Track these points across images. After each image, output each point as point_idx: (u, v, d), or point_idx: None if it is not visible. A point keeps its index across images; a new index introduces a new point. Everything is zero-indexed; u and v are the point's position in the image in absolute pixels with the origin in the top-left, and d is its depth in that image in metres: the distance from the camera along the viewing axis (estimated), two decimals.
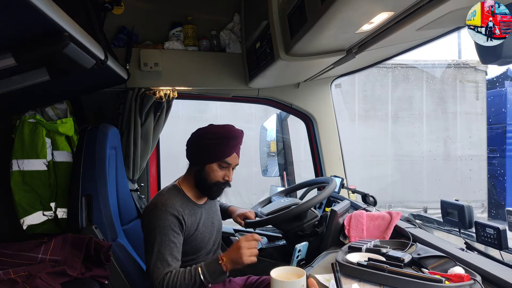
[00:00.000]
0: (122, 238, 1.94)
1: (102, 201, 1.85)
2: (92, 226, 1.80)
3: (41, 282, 1.45)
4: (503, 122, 5.85)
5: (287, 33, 1.65)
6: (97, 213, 1.84)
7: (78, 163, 1.89)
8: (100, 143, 1.89)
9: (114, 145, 2.05)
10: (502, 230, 1.25)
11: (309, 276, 1.19)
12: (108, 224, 1.84)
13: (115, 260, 1.75)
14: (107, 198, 1.86)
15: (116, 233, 1.87)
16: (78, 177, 1.89)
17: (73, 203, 1.86)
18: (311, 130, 2.59)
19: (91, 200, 1.85)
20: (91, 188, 1.86)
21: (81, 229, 1.81)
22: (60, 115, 2.08)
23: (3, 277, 1.45)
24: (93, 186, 1.86)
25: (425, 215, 2.39)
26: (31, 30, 1.17)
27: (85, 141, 1.92)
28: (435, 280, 1.02)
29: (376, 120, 6.06)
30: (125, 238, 1.98)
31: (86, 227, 1.81)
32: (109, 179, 1.90)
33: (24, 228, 1.93)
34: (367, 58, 1.92)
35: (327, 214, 1.63)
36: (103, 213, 1.84)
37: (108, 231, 1.84)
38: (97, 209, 1.84)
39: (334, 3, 1.15)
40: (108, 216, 1.85)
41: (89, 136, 1.93)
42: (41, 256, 1.63)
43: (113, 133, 2.03)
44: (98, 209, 1.84)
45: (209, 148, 1.59)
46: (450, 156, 5.93)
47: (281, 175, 2.99)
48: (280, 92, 2.53)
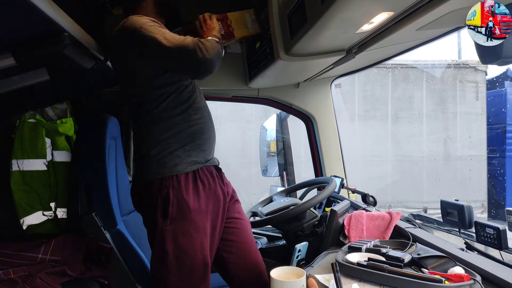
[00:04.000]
0: (122, 227, 1.94)
1: (102, 190, 1.86)
2: (92, 213, 1.80)
3: (41, 282, 1.45)
4: (503, 122, 5.85)
5: (287, 33, 1.65)
6: (96, 201, 1.85)
7: (78, 152, 1.89)
8: (100, 133, 1.90)
9: (114, 135, 2.04)
10: (502, 230, 1.25)
11: (309, 276, 1.19)
12: (108, 212, 1.85)
13: (114, 247, 1.76)
14: (107, 187, 1.86)
15: (115, 221, 1.87)
16: (78, 166, 1.89)
17: (72, 192, 1.87)
18: (311, 130, 2.59)
19: (90, 188, 1.86)
20: (91, 176, 1.86)
21: (80, 216, 1.81)
22: (60, 115, 2.08)
23: (3, 277, 1.46)
24: (92, 174, 1.86)
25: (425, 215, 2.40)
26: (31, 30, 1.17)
27: (84, 129, 1.92)
28: (435, 280, 1.02)
29: (376, 120, 6.06)
30: (124, 227, 1.98)
31: (86, 214, 1.81)
32: (108, 169, 1.90)
33: (24, 228, 1.93)
34: (367, 58, 1.92)
35: (327, 214, 1.63)
36: (103, 201, 1.84)
37: (108, 219, 1.84)
38: (96, 197, 1.85)
39: (334, 3, 1.15)
40: (108, 204, 1.85)
41: (89, 125, 1.93)
42: (41, 256, 1.64)
43: (113, 123, 2.03)
44: (97, 197, 1.85)
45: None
46: (450, 156, 5.93)
47: (281, 175, 2.99)
48: (280, 92, 2.53)
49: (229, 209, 1.54)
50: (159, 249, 1.39)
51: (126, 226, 2.00)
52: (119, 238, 1.80)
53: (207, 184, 1.44)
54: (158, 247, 1.39)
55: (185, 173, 1.40)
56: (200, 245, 1.38)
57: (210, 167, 1.49)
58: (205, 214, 1.41)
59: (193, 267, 1.37)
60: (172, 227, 1.37)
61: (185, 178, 1.40)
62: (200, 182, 1.42)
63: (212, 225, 1.43)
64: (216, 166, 1.54)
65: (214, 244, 1.45)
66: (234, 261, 1.51)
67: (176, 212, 1.37)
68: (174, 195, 1.37)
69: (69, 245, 1.70)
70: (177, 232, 1.37)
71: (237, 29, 1.64)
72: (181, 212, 1.37)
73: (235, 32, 1.63)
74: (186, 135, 1.44)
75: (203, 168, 1.45)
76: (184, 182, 1.39)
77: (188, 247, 1.37)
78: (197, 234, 1.38)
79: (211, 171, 1.48)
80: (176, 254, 1.36)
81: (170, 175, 1.39)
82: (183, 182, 1.39)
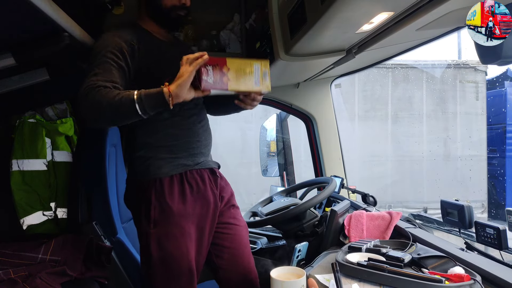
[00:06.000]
0: (122, 235, 1.94)
1: (102, 198, 1.86)
2: (92, 222, 1.80)
3: (41, 282, 1.45)
4: (503, 122, 5.85)
5: (287, 33, 1.65)
6: (96, 209, 1.85)
7: (78, 160, 1.89)
8: (100, 140, 1.89)
9: (114, 143, 2.04)
10: (502, 230, 1.25)
11: (309, 276, 1.19)
12: (108, 220, 1.85)
13: (114, 256, 1.76)
14: (107, 195, 1.86)
15: (115, 229, 1.87)
16: (78, 174, 1.89)
17: (72, 200, 1.87)
18: (311, 130, 2.59)
19: (90, 196, 1.86)
20: (91, 185, 1.86)
21: (80, 225, 1.81)
22: (60, 115, 2.08)
23: (3, 277, 1.46)
24: (92, 183, 1.86)
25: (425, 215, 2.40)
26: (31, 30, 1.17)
27: (85, 137, 1.92)
28: (435, 280, 1.02)
29: (376, 120, 6.06)
30: (124, 235, 1.98)
31: (86, 223, 1.81)
32: (109, 177, 1.91)
33: (24, 228, 1.93)
34: (367, 58, 1.92)
35: (327, 214, 1.63)
36: (103, 209, 1.84)
37: (108, 228, 1.84)
38: (96, 206, 1.85)
39: (334, 3, 1.15)
40: (108, 213, 1.85)
41: (89, 133, 1.93)
42: (41, 256, 1.64)
43: (113, 130, 2.03)
44: (97, 206, 1.85)
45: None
46: (450, 156, 5.93)
47: (281, 175, 2.99)
48: (280, 92, 2.52)
49: (223, 214, 1.52)
50: (145, 252, 1.38)
51: (126, 233, 2.00)
52: (119, 247, 1.80)
53: (196, 187, 1.41)
54: (144, 250, 1.39)
55: (169, 176, 1.38)
56: (186, 249, 1.36)
57: (201, 170, 1.45)
58: (191, 218, 1.39)
59: (180, 270, 1.35)
60: (156, 230, 1.35)
61: (169, 181, 1.38)
62: (187, 185, 1.40)
63: (199, 230, 1.41)
64: (211, 169, 1.50)
65: (202, 249, 1.42)
66: (225, 267, 1.49)
67: (159, 215, 1.35)
68: (156, 199, 1.36)
69: (69, 245, 1.70)
70: (161, 235, 1.35)
71: (234, 80, 1.25)
72: (164, 216, 1.35)
73: (229, 84, 1.24)
74: (172, 139, 1.41)
75: (192, 171, 1.42)
76: (168, 185, 1.37)
77: (173, 251, 1.35)
78: (183, 238, 1.36)
79: (201, 174, 1.45)
80: (161, 258, 1.35)
81: (153, 178, 1.37)
82: (166, 185, 1.37)
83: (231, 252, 1.50)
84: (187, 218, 1.37)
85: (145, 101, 1.20)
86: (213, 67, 1.22)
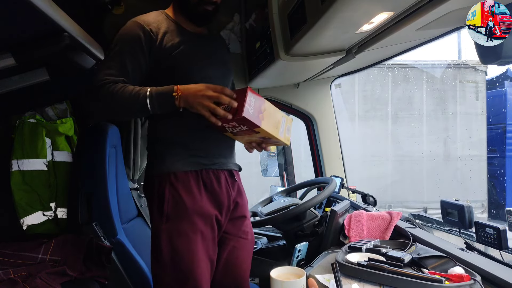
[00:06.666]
0: (122, 236, 1.94)
1: (102, 199, 1.85)
2: (92, 223, 1.80)
3: (41, 282, 1.45)
4: (503, 122, 5.86)
5: (287, 33, 1.65)
6: (97, 210, 1.84)
7: (78, 161, 1.89)
8: (100, 141, 1.89)
9: (114, 144, 2.04)
10: (502, 230, 1.25)
11: (309, 276, 1.19)
12: (108, 221, 1.84)
13: (114, 257, 1.76)
14: (107, 196, 1.86)
15: (116, 230, 1.87)
16: (78, 175, 1.89)
17: (73, 201, 1.87)
18: (311, 130, 2.59)
19: (91, 197, 1.85)
20: (91, 185, 1.86)
21: (80, 226, 1.81)
22: (60, 115, 2.08)
23: (3, 277, 1.46)
24: (92, 183, 1.86)
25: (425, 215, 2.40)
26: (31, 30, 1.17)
27: (85, 138, 1.91)
28: (435, 280, 1.02)
29: (376, 120, 6.06)
30: (125, 236, 1.98)
31: (86, 224, 1.81)
32: (109, 177, 1.90)
33: (24, 228, 1.93)
34: (367, 58, 1.92)
35: (327, 214, 1.63)
36: (103, 210, 1.84)
37: (108, 229, 1.83)
38: (97, 207, 1.84)
39: (334, 3, 1.15)
40: (108, 213, 1.85)
41: (89, 134, 1.93)
42: (41, 256, 1.64)
43: (113, 131, 2.03)
44: (98, 207, 1.84)
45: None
46: (450, 156, 5.93)
47: (281, 175, 3.00)
48: (280, 92, 2.52)
49: (234, 223, 1.48)
50: (155, 247, 1.36)
51: (126, 234, 1.99)
52: (119, 248, 1.80)
53: (210, 187, 1.39)
54: (154, 244, 1.36)
55: (185, 171, 1.36)
56: (196, 247, 1.33)
57: (218, 171, 1.43)
58: (204, 216, 1.36)
59: (190, 267, 1.32)
60: (168, 225, 1.33)
61: (184, 177, 1.36)
62: (202, 183, 1.38)
63: (212, 229, 1.38)
64: (229, 171, 1.47)
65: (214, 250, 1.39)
66: (218, 277, 1.43)
67: (172, 210, 1.33)
68: (170, 193, 1.34)
69: (69, 245, 1.70)
70: (172, 231, 1.32)
71: (267, 121, 1.25)
72: (177, 210, 1.33)
73: (263, 123, 1.23)
74: (190, 136, 1.40)
75: (208, 171, 1.40)
76: (182, 180, 1.35)
77: (183, 248, 1.32)
78: (195, 236, 1.33)
79: (218, 175, 1.42)
80: (171, 255, 1.32)
81: (168, 171, 1.36)
82: (181, 180, 1.35)
83: (227, 266, 1.45)
84: (200, 215, 1.35)
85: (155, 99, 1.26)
86: (255, 101, 1.25)
